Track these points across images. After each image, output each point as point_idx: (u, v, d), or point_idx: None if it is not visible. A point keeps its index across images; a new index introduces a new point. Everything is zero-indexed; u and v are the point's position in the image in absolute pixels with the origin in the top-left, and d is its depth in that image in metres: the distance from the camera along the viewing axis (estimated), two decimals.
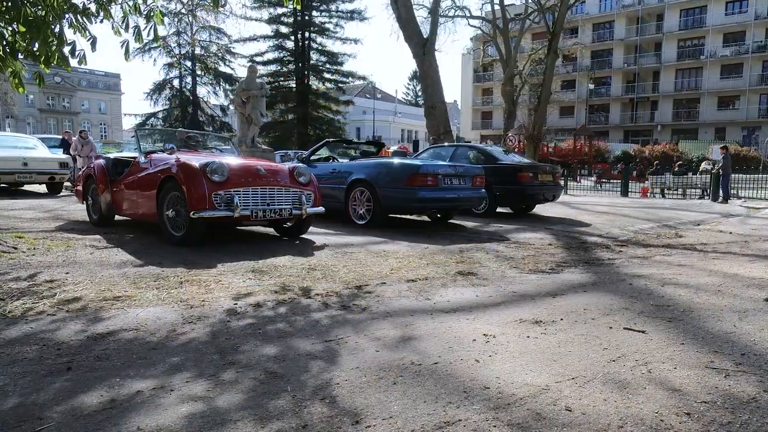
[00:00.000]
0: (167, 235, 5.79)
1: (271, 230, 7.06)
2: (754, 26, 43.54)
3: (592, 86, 44.70)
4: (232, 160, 6.18)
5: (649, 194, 18.75)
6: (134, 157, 7.09)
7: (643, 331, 3.07)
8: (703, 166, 20.59)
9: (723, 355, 2.68)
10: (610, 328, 3.15)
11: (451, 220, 8.90)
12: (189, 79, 46.44)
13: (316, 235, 6.82)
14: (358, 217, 7.92)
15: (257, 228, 7.30)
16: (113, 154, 7.82)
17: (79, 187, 7.80)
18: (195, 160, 5.86)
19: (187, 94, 46.61)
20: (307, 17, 40.27)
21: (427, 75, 15.86)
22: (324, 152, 10.33)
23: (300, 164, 6.75)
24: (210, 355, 2.62)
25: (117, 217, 7.31)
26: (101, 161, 7.37)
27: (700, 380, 2.37)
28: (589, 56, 50.56)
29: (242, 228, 7.27)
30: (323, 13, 40.68)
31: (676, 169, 21.15)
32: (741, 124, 44.35)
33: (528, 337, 2.98)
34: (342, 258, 5.27)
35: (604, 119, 51.79)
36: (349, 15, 40.42)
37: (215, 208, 5.49)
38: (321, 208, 6.45)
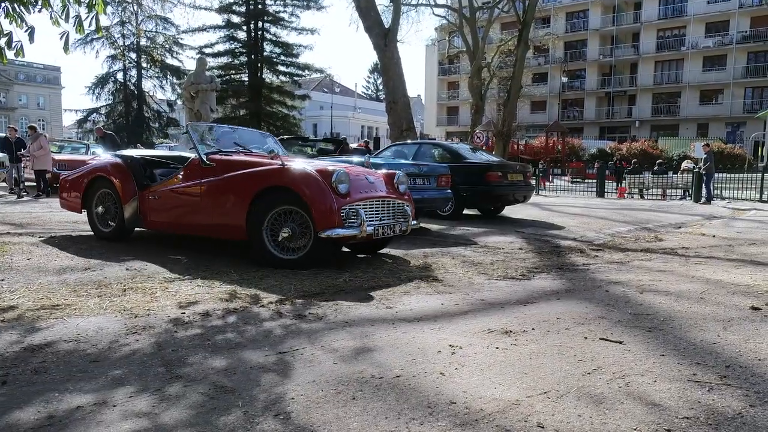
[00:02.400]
0: (267, 257, 5.10)
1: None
2: (738, 15, 44.91)
3: (565, 79, 45.71)
4: (338, 165, 5.52)
5: (626, 195, 19.28)
6: (164, 158, 6.67)
7: (620, 342, 3.14)
8: (685, 164, 21.21)
9: (706, 368, 2.74)
10: (586, 338, 3.22)
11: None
12: (134, 73, 46.85)
13: None
14: None
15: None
16: (134, 152, 6.89)
17: (74, 194, 6.69)
18: (306, 165, 5.29)
19: (132, 88, 46.86)
20: (260, 6, 40.36)
21: (388, 68, 15.98)
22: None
23: (398, 170, 6.14)
24: (155, 368, 2.64)
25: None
26: (118, 160, 6.38)
27: (682, 394, 2.43)
28: (562, 47, 51.69)
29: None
30: (278, 2, 40.85)
31: (656, 167, 21.80)
32: (725, 119, 45.80)
33: (497, 348, 3.02)
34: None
35: (579, 115, 53.05)
36: (305, 4, 40.68)
37: (344, 225, 4.97)
38: (417, 222, 6.00)
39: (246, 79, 41.05)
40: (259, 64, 40.75)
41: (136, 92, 46.85)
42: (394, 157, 10.53)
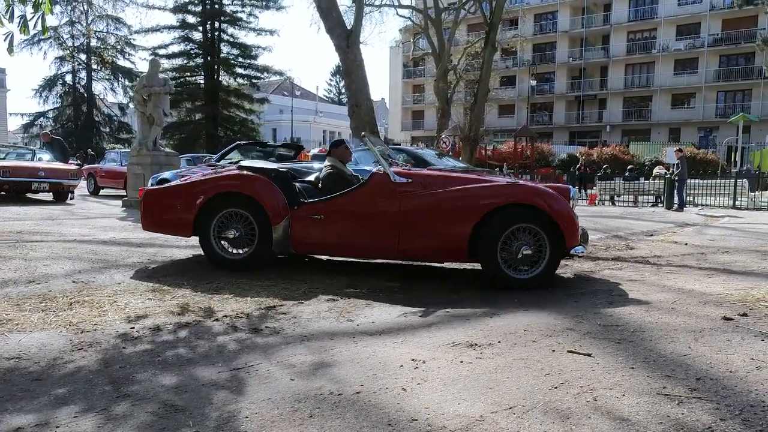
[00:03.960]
0: (503, 277, 5.02)
1: (172, 239, 6.84)
2: (709, 17, 46.00)
3: (534, 83, 46.45)
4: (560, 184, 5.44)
5: (597, 201, 19.65)
6: (297, 168, 6.37)
7: (589, 354, 3.19)
8: (657, 170, 21.62)
9: (676, 381, 2.79)
10: (553, 351, 3.26)
11: None
12: (83, 75, 46.42)
13: None
14: None
15: (158, 239, 7.10)
16: (274, 164, 6.42)
17: (182, 214, 5.67)
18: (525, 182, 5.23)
19: (81, 91, 46.42)
20: (216, 5, 40.37)
21: (351, 70, 16.05)
22: (235, 156, 10.30)
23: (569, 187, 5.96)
24: (101, 386, 2.62)
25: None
26: (258, 174, 5.71)
27: (651, 408, 2.47)
28: (530, 50, 52.47)
29: (133, 240, 7.01)
30: (235, 2, 40.94)
31: (627, 173, 22.25)
32: (697, 124, 46.94)
33: (461, 362, 3.05)
34: (252, 274, 5.30)
35: (548, 119, 53.92)
36: (264, 4, 40.86)
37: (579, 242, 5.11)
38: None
39: (202, 81, 41.06)
40: (215, 66, 40.72)
41: (85, 95, 46.37)
42: (357, 162, 10.54)
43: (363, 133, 6.61)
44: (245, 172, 5.74)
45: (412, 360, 3.05)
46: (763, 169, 19.88)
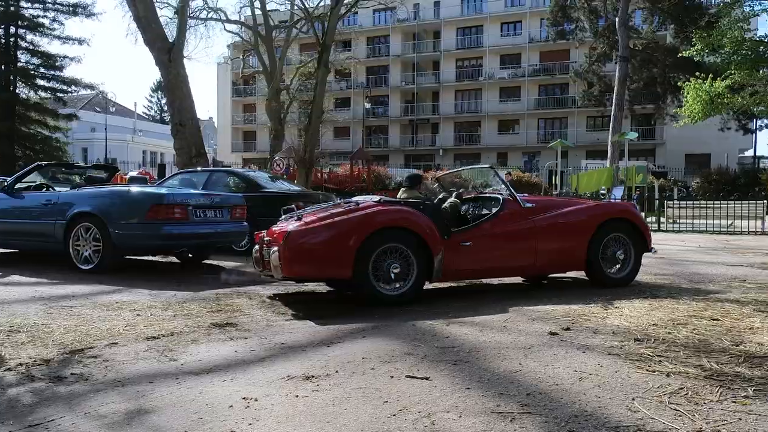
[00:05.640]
0: (605, 281, 6.39)
1: None
2: (528, 49, 51.11)
3: (368, 105, 47.90)
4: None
5: None
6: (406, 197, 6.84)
7: (427, 378, 3.26)
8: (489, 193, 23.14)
9: (509, 397, 2.94)
10: (392, 377, 3.30)
11: (206, 261, 8.79)
12: None
13: (22, 286, 6.24)
14: (82, 261, 7.47)
15: None
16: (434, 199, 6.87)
17: (336, 254, 5.44)
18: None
19: None
20: (13, 8, 37.22)
21: (174, 86, 15.55)
22: (35, 178, 9.67)
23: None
24: None
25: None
26: (407, 207, 5.85)
27: (486, 427, 2.57)
28: (364, 72, 54.27)
29: None
30: (36, 5, 38.03)
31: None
32: (522, 149, 51.35)
33: (297, 396, 2.98)
34: (58, 314, 4.90)
35: (383, 142, 55.81)
36: (71, 9, 38.40)
37: None
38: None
39: None
40: (12, 77, 37.67)
41: None
42: (182, 186, 10.17)
43: (491, 165, 7.63)
44: (399, 207, 5.91)
45: (243, 398, 2.93)
46: (580, 191, 22.11)
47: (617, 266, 6.47)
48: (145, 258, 9.10)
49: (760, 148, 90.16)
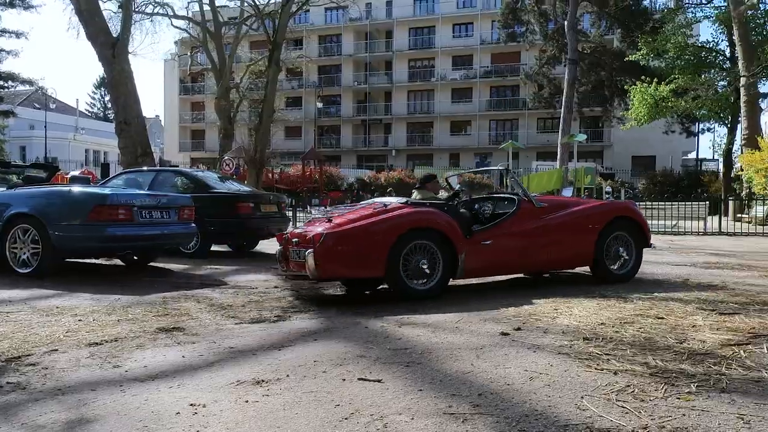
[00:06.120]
0: (608, 277, 6.73)
1: None
2: (480, 51, 51.81)
3: (320, 105, 47.78)
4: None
5: None
6: (435, 199, 6.90)
7: (379, 380, 3.27)
8: (441, 194, 23.34)
9: (461, 398, 2.96)
10: (344, 380, 3.29)
11: (152, 263, 8.64)
12: None
13: None
14: (20, 264, 7.26)
15: None
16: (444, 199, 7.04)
17: (370, 253, 5.76)
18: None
19: None
20: None
21: (118, 83, 15.25)
22: None
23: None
24: None
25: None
26: (432, 209, 6.26)
27: (438, 428, 2.59)
28: (316, 72, 54.08)
29: None
30: None
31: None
32: (473, 150, 51.98)
33: (247, 401, 2.94)
34: None
35: (336, 142, 55.73)
36: (8, 0, 37.04)
37: None
38: None
39: None
40: None
41: None
42: (127, 186, 9.95)
43: (505, 164, 7.73)
44: (426, 209, 6.25)
45: (191, 405, 2.88)
46: (531, 191, 22.67)
47: (620, 263, 6.83)
48: (88, 261, 8.90)
49: (703, 151, 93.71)
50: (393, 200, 6.65)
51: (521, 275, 7.37)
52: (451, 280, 6.21)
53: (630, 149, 46.57)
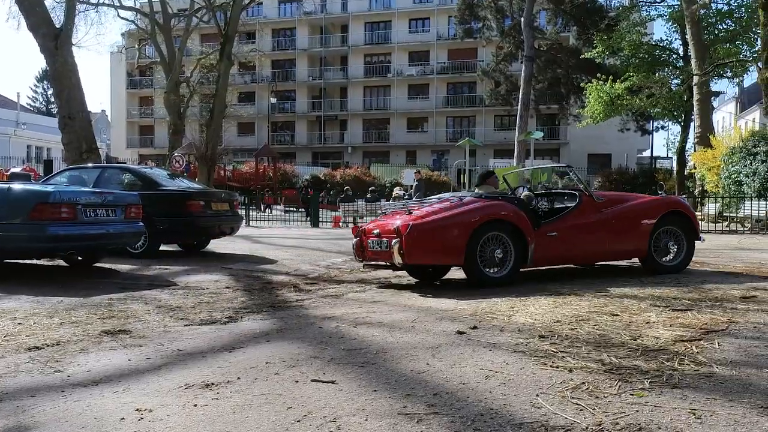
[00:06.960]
0: (657, 268, 7.21)
1: None
2: (437, 47, 51.92)
3: (274, 100, 47.35)
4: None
5: (341, 224, 20.53)
6: (504, 194, 7.42)
7: (333, 382, 3.26)
8: (396, 191, 23.43)
9: (416, 398, 2.97)
10: (297, 381, 3.27)
11: (98, 264, 8.51)
12: None
13: None
14: None
15: None
16: (518, 190, 7.81)
17: (451, 243, 6.42)
18: None
19: None
20: None
21: (61, 75, 14.95)
22: None
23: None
24: None
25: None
26: (504, 202, 6.91)
27: (392, 429, 2.59)
28: (269, 66, 53.64)
29: None
30: None
31: (369, 195, 23.63)
32: (430, 147, 52.11)
33: (195, 405, 2.90)
34: None
35: (290, 139, 55.36)
36: None
37: None
38: None
39: None
40: None
41: None
42: (70, 183, 9.74)
43: (568, 165, 8.63)
44: (500, 202, 6.85)
45: (137, 410, 2.82)
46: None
47: (670, 255, 7.32)
48: (29, 261, 8.69)
49: (657, 149, 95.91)
50: (467, 194, 7.32)
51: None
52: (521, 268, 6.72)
53: (586, 147, 47.44)
